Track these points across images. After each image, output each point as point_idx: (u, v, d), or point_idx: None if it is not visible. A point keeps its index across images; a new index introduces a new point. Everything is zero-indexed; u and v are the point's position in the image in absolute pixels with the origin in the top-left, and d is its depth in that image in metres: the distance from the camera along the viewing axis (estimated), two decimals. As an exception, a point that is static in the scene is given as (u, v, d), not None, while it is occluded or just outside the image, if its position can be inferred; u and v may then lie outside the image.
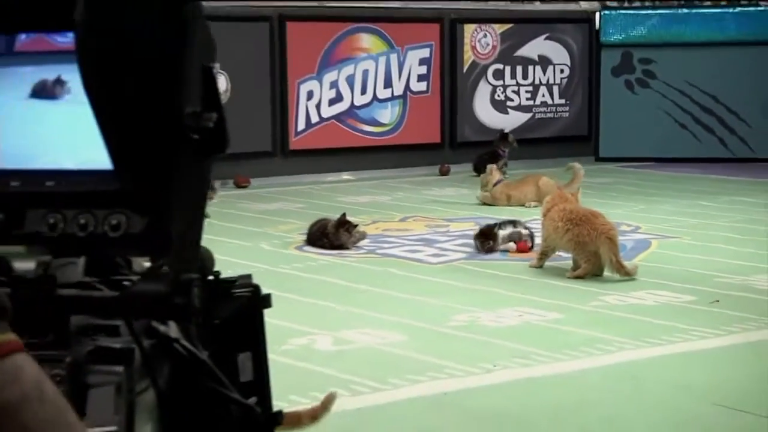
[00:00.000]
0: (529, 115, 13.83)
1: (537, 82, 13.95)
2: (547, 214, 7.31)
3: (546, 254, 7.39)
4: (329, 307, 6.34)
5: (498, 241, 7.93)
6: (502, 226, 8.06)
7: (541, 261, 7.40)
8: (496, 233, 7.96)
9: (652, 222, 9.21)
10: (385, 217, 9.66)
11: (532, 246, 7.93)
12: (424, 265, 7.68)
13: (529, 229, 8.07)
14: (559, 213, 7.18)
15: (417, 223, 9.44)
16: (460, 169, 12.63)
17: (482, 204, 10.25)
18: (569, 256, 7.26)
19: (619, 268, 6.98)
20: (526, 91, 13.89)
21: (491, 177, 10.39)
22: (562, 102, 14.13)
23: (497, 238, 7.94)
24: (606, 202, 9.75)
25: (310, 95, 12.49)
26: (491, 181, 10.36)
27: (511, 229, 8.06)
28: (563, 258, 7.35)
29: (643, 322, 6.03)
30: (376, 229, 8.93)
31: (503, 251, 7.92)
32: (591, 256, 7.03)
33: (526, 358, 5.36)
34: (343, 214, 8.28)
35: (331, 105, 12.62)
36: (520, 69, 13.82)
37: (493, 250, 7.90)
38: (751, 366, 5.30)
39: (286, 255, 7.94)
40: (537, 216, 7.95)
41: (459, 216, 9.66)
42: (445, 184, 12.01)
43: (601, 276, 7.05)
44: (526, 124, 13.61)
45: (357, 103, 12.79)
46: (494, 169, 10.53)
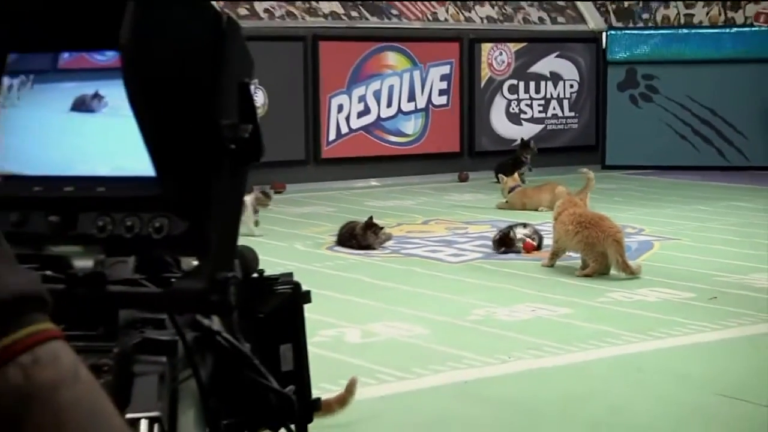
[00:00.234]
0: (541, 127, 13.81)
1: (548, 96, 13.92)
2: (558, 217, 7.30)
3: (557, 254, 7.38)
4: (357, 302, 6.34)
5: (515, 246, 7.94)
6: (516, 229, 8.07)
7: (553, 260, 7.39)
8: (513, 239, 7.96)
9: (654, 225, 9.18)
10: (409, 220, 9.66)
11: (538, 246, 7.93)
12: (445, 264, 7.67)
13: (537, 231, 8.06)
14: (569, 217, 7.17)
15: (438, 225, 9.43)
16: (478, 176, 12.62)
17: (499, 209, 10.23)
18: (578, 256, 7.24)
19: (625, 268, 6.97)
20: (539, 105, 13.86)
21: (505, 185, 10.41)
22: (572, 114, 14.10)
23: (514, 244, 7.94)
24: (612, 206, 9.72)
25: (341, 108, 12.50)
26: (506, 188, 10.37)
27: (523, 231, 8.05)
28: (573, 258, 7.33)
29: (647, 317, 6.01)
30: (401, 231, 8.92)
31: (517, 251, 7.92)
32: (599, 256, 7.02)
33: (538, 350, 5.35)
34: (370, 217, 8.28)
35: (359, 117, 12.62)
36: (533, 84, 13.80)
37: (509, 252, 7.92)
38: (748, 358, 5.27)
39: (319, 254, 7.95)
40: (548, 219, 7.94)
41: (477, 219, 9.65)
42: (464, 190, 12.00)
43: (608, 274, 7.03)
44: (539, 134, 13.57)
45: (383, 115, 12.79)
46: (505, 178, 10.56)
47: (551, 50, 13.92)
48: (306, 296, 1.68)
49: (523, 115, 13.73)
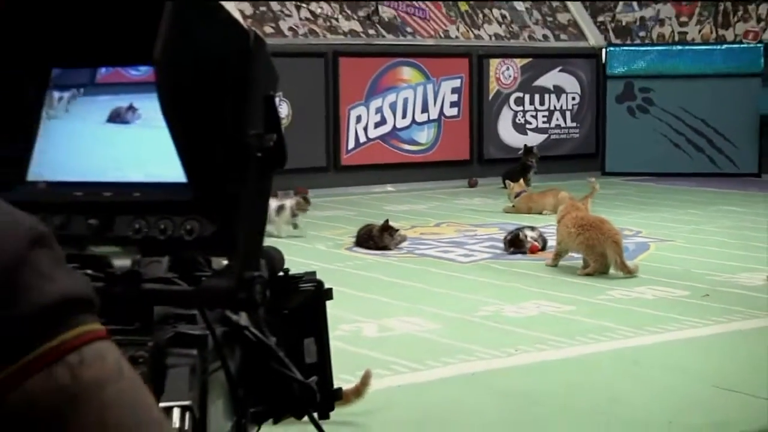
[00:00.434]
0: (545, 136, 13.80)
1: (552, 108, 13.91)
2: (561, 220, 7.30)
3: (560, 255, 7.37)
4: (374, 299, 6.34)
5: (524, 247, 7.93)
6: (525, 231, 8.07)
7: (556, 260, 7.38)
8: (522, 240, 7.95)
9: (651, 227, 9.16)
10: (422, 223, 9.66)
11: (543, 247, 7.92)
12: (456, 263, 7.67)
13: (543, 235, 8.05)
14: (571, 220, 7.17)
15: (449, 228, 9.43)
16: (486, 182, 12.62)
17: (506, 212, 10.23)
18: (580, 256, 7.23)
19: (623, 267, 6.96)
20: (543, 116, 13.86)
21: (512, 191, 10.40)
22: (574, 125, 14.09)
23: (523, 245, 7.93)
24: (611, 210, 9.70)
25: (359, 119, 12.52)
26: (512, 194, 10.36)
27: (531, 234, 8.04)
28: (575, 258, 7.31)
29: (644, 313, 6.00)
30: (415, 233, 8.92)
31: (524, 252, 7.92)
32: (599, 257, 7.01)
33: (543, 344, 5.34)
34: (386, 221, 8.29)
35: (376, 127, 12.64)
36: (537, 97, 13.80)
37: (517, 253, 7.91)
38: (739, 352, 5.25)
39: (339, 254, 7.96)
40: (552, 222, 7.93)
41: (485, 222, 9.64)
42: (474, 195, 12.00)
43: (607, 273, 7.02)
44: (543, 143, 13.56)
45: (398, 125, 12.80)
46: (512, 184, 10.56)
47: (554, 65, 13.92)
48: (328, 293, 1.68)
49: (528, 126, 13.73)
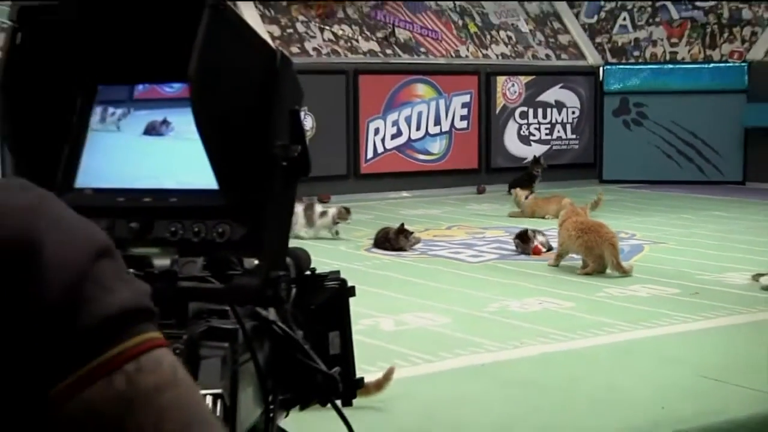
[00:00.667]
0: (547, 147, 13.76)
1: (554, 121, 13.89)
2: (562, 224, 7.29)
3: (561, 256, 7.35)
4: (391, 296, 6.34)
5: (530, 243, 7.91)
6: (535, 233, 8.08)
7: (557, 261, 7.36)
8: (530, 237, 7.94)
9: (645, 231, 9.12)
10: (435, 226, 9.65)
11: (548, 250, 7.90)
12: (465, 263, 7.66)
13: (548, 241, 8.04)
14: (572, 224, 7.16)
15: (460, 230, 9.41)
16: (494, 189, 12.60)
17: (511, 217, 10.21)
18: (579, 257, 7.21)
19: (618, 268, 6.94)
20: (545, 128, 13.83)
21: (520, 198, 10.36)
22: (574, 137, 14.06)
23: (530, 240, 7.92)
24: (609, 215, 9.65)
25: (377, 131, 12.52)
26: (520, 200, 10.34)
27: (540, 239, 8.04)
28: (574, 259, 7.29)
29: (638, 309, 5.97)
30: (428, 236, 8.91)
31: (528, 253, 7.90)
32: (597, 258, 6.99)
33: (545, 337, 5.32)
34: (402, 224, 8.28)
35: (392, 139, 12.63)
36: (540, 111, 13.77)
37: (527, 252, 7.90)
38: (726, 345, 5.22)
39: (358, 255, 7.96)
40: (554, 226, 7.91)
41: (492, 225, 9.62)
42: (482, 201, 11.98)
43: (605, 273, 7.00)
44: (545, 154, 13.52)
45: (413, 137, 12.79)
46: (519, 192, 10.54)
47: (556, 82, 13.89)
48: (351, 290, 1.68)
49: (532, 137, 13.71)
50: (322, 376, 1.57)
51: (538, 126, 13.76)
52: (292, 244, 1.50)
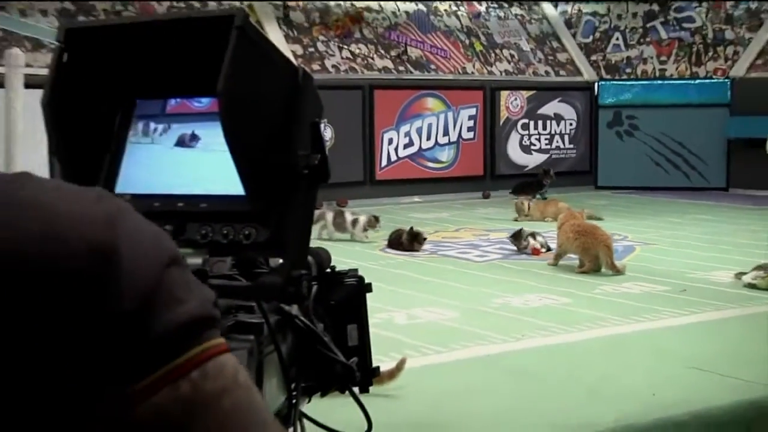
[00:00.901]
0: (546, 156, 13.75)
1: (553, 132, 13.86)
2: (561, 227, 7.27)
3: (560, 256, 7.33)
4: (403, 292, 6.33)
5: (522, 242, 7.89)
6: (530, 236, 8.05)
7: (556, 261, 7.34)
8: (523, 235, 7.93)
9: (636, 233, 9.09)
10: (444, 228, 9.63)
11: (547, 250, 7.87)
12: (472, 262, 7.64)
13: (546, 242, 8.01)
14: (570, 226, 7.15)
15: (466, 232, 9.40)
16: (498, 194, 12.60)
17: (514, 220, 10.18)
18: (576, 257, 7.19)
19: (612, 267, 6.92)
20: (545, 139, 13.81)
21: (524, 205, 10.32)
22: (571, 146, 14.03)
23: (521, 239, 7.90)
24: (603, 218, 9.65)
25: (391, 141, 12.52)
26: (524, 207, 10.30)
27: (539, 240, 8.02)
28: (572, 259, 7.27)
29: (631, 305, 5.95)
30: (437, 237, 8.90)
31: (527, 252, 7.89)
32: (593, 258, 6.98)
33: (545, 330, 5.30)
34: (411, 228, 8.28)
35: (405, 148, 12.63)
36: (540, 123, 13.75)
37: (518, 247, 7.87)
38: (711, 338, 5.19)
39: (374, 255, 7.95)
40: (552, 228, 7.88)
41: (496, 228, 9.60)
42: (487, 205, 11.97)
43: (600, 272, 6.97)
44: (545, 162, 13.51)
45: (424, 147, 12.79)
46: (522, 199, 10.51)
47: (555, 96, 13.87)
48: (368, 287, 1.67)
49: (532, 147, 13.69)
50: (341, 366, 1.57)
51: (538, 136, 13.73)
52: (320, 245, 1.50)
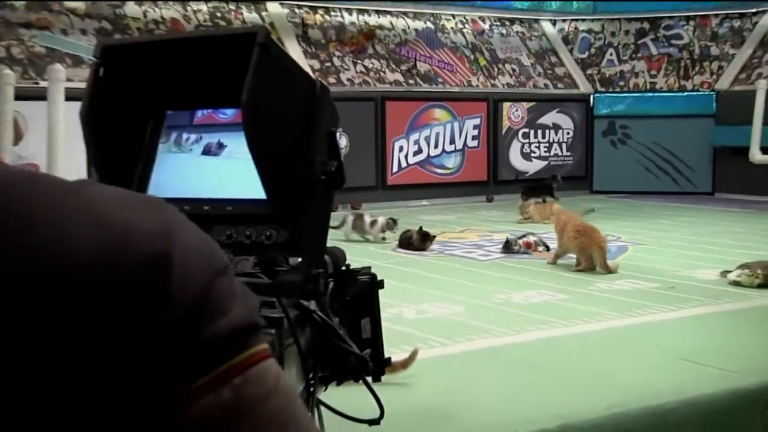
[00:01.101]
0: (546, 162, 13.71)
1: (551, 141, 13.83)
2: (564, 229, 7.22)
3: (559, 255, 7.31)
4: (413, 288, 6.32)
5: (513, 247, 7.85)
6: (528, 237, 8.02)
7: (555, 260, 7.32)
8: (511, 243, 7.88)
9: (629, 234, 9.06)
10: (450, 230, 9.62)
11: (547, 249, 7.85)
12: (476, 261, 7.63)
13: (543, 240, 7.99)
14: (572, 227, 7.12)
15: (471, 233, 9.38)
16: (500, 198, 12.57)
17: (517, 222, 10.16)
18: (573, 257, 7.16)
19: (604, 267, 6.90)
20: (544, 147, 13.78)
21: (529, 208, 10.30)
22: (568, 154, 13.99)
23: (512, 245, 7.86)
24: (598, 220, 9.58)
25: (401, 149, 12.51)
26: (528, 211, 10.28)
27: (533, 239, 7.99)
28: (569, 258, 7.24)
29: (624, 301, 5.92)
30: (444, 238, 8.88)
31: (527, 253, 7.86)
32: (588, 258, 6.96)
33: (545, 325, 5.28)
34: (420, 227, 8.27)
35: (414, 155, 12.62)
36: (540, 132, 13.72)
37: (513, 253, 7.83)
38: (699, 331, 5.16)
39: (385, 254, 7.94)
40: (551, 228, 7.86)
41: (499, 229, 9.57)
42: (490, 209, 11.94)
43: (595, 270, 6.95)
44: (544, 168, 13.48)
45: (432, 154, 12.78)
46: (526, 204, 10.48)
47: (553, 107, 13.84)
48: (380, 284, 1.67)
49: (533, 154, 13.66)
50: (355, 357, 1.56)
51: (538, 145, 13.71)
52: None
